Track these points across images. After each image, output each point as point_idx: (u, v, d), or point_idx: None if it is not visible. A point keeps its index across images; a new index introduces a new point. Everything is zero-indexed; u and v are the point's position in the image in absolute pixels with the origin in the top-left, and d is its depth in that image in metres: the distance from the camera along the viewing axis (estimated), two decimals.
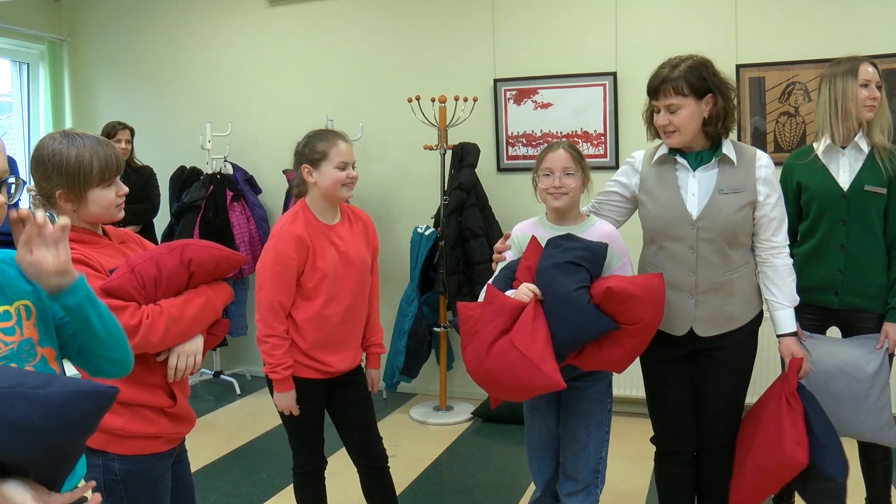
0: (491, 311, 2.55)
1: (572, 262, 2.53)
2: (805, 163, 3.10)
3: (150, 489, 2.21)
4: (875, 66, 3.04)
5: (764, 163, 2.71)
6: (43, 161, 2.06)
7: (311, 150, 2.88)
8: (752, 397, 2.93)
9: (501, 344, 2.49)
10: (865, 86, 3.02)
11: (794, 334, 2.80)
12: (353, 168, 2.91)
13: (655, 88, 2.72)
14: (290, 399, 2.90)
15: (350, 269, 2.92)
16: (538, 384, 2.46)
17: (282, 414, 2.99)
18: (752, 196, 2.69)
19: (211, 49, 6.22)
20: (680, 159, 2.75)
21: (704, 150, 2.74)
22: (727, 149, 2.72)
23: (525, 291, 2.55)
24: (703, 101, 2.66)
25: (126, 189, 2.19)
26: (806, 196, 3.05)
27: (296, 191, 3.02)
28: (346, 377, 3.02)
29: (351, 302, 2.94)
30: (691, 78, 2.65)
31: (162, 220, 5.83)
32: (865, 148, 3.01)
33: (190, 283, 2.23)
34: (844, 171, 3.03)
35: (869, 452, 3.20)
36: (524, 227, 2.86)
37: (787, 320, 2.79)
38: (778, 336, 2.82)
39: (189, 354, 2.20)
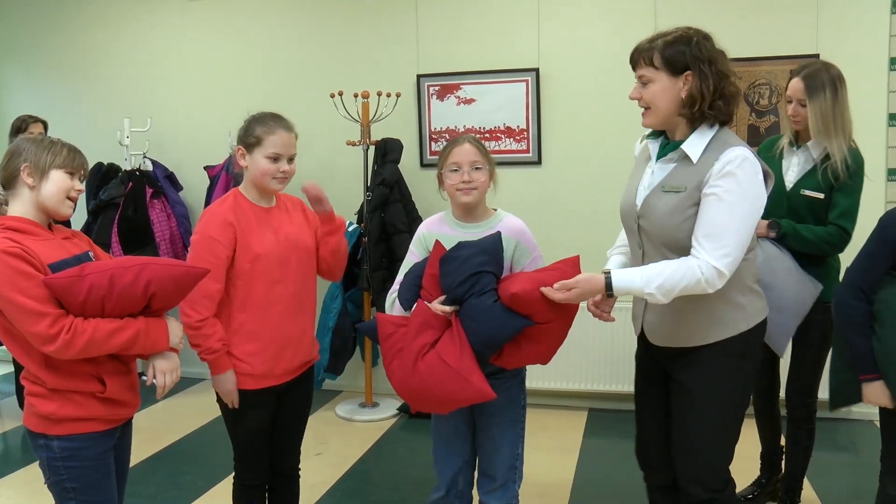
0: (416, 324, 2.52)
1: (473, 273, 2.50)
2: (769, 155, 3.26)
3: (89, 467, 2.32)
4: (807, 79, 3.10)
5: (728, 158, 2.26)
6: (17, 145, 2.32)
7: (248, 132, 2.77)
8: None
9: (429, 359, 2.46)
10: (790, 101, 3.17)
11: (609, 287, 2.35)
12: (291, 162, 2.79)
13: (632, 58, 2.44)
14: (231, 382, 2.73)
15: (292, 255, 2.79)
16: (468, 396, 2.45)
17: (227, 423, 2.86)
18: (694, 198, 2.31)
19: (127, 41, 6.07)
20: (651, 145, 2.51)
21: (675, 141, 2.42)
22: (693, 142, 2.35)
23: (441, 310, 2.52)
24: (679, 78, 2.34)
25: (82, 189, 2.38)
26: None
27: (235, 170, 2.91)
28: (295, 380, 2.89)
29: (298, 289, 2.81)
30: (668, 51, 2.34)
31: (78, 218, 5.66)
32: (815, 154, 3.14)
33: (151, 305, 2.32)
34: (792, 171, 3.21)
35: (798, 433, 3.41)
36: (431, 224, 2.83)
37: (621, 272, 2.37)
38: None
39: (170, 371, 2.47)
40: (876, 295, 2.57)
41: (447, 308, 2.52)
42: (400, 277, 2.77)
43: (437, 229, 2.78)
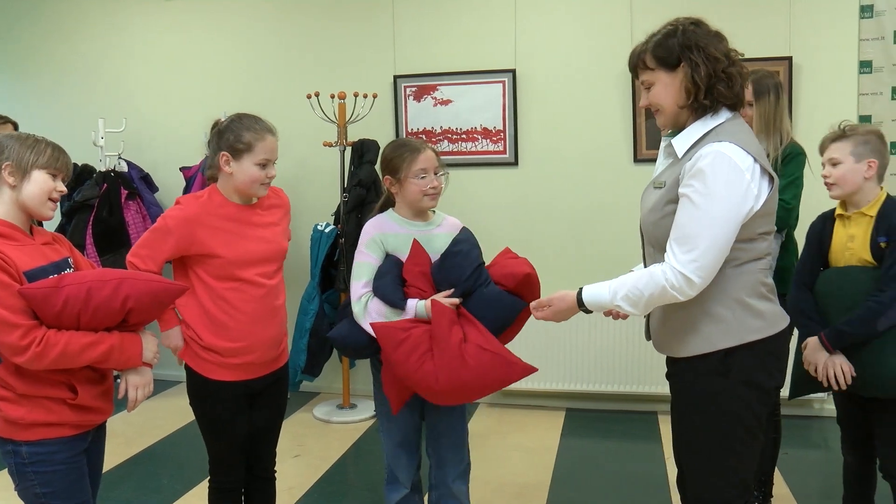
0: (446, 321, 2.61)
1: (477, 266, 2.74)
2: None
3: (60, 471, 2.27)
4: (755, 83, 3.37)
5: (701, 153, 2.10)
6: None
7: (236, 138, 2.68)
8: None
9: (470, 350, 2.57)
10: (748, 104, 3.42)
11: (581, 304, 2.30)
12: (273, 166, 2.75)
13: (630, 67, 2.32)
14: (178, 337, 2.74)
15: (265, 255, 2.76)
16: (516, 374, 2.62)
17: (202, 426, 2.82)
18: (671, 194, 2.18)
19: (102, 41, 6.01)
20: (664, 142, 2.38)
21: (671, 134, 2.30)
22: (684, 135, 2.22)
23: (451, 303, 2.68)
24: (677, 71, 2.20)
25: (65, 191, 2.32)
26: None
27: (208, 173, 2.81)
28: (268, 379, 2.85)
29: (268, 291, 2.76)
30: (658, 48, 2.22)
31: (52, 220, 5.60)
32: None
33: (129, 319, 2.29)
34: None
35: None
36: (382, 225, 2.86)
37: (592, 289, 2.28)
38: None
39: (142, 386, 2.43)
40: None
41: (455, 300, 2.69)
42: (363, 280, 2.80)
43: (390, 229, 2.84)
